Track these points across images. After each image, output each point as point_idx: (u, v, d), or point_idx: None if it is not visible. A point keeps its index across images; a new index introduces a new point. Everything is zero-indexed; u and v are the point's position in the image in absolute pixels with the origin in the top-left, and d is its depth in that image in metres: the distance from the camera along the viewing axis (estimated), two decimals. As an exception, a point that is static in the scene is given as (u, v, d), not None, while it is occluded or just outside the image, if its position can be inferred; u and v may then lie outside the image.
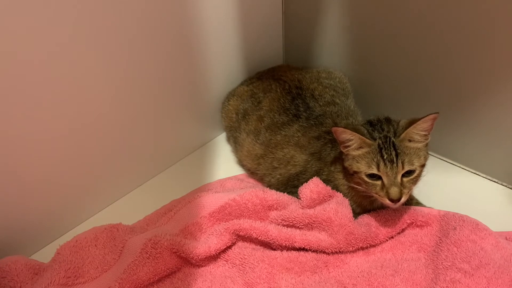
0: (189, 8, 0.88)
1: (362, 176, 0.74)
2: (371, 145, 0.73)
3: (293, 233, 0.78)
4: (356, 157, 0.75)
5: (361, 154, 0.74)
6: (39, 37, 0.68)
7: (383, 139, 0.74)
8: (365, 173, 0.74)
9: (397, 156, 0.72)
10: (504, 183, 0.93)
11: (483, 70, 0.84)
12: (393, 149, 0.72)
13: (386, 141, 0.73)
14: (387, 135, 0.74)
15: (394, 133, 0.74)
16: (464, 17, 0.82)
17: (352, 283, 0.75)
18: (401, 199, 0.73)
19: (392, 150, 0.72)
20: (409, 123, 0.75)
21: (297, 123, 0.89)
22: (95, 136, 0.84)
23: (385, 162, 0.72)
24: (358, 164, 0.74)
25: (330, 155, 0.83)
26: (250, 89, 1.01)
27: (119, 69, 0.82)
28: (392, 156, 0.72)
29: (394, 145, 0.73)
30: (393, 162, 0.72)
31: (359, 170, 0.74)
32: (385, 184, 0.73)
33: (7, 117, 0.70)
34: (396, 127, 0.75)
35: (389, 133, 0.74)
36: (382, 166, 0.72)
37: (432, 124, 0.73)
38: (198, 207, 0.84)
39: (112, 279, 0.73)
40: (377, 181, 0.74)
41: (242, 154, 0.97)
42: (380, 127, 0.76)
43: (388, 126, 0.76)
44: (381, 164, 0.72)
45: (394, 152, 0.72)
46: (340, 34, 1.04)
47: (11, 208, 0.77)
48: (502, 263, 0.71)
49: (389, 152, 0.72)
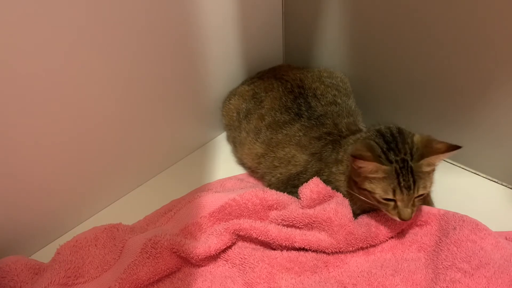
0: (189, 8, 0.88)
1: (376, 197, 0.73)
2: (386, 170, 0.71)
3: (293, 233, 0.78)
4: (370, 178, 0.73)
5: (377, 177, 0.72)
6: (39, 38, 0.68)
7: (400, 163, 0.71)
8: (380, 196, 0.72)
9: (414, 183, 0.71)
10: (504, 183, 0.93)
11: (483, 70, 0.84)
12: (411, 175, 0.71)
13: (404, 166, 0.71)
14: (405, 159, 0.71)
15: (411, 155, 0.72)
16: (464, 18, 0.81)
17: (352, 283, 0.75)
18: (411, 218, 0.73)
19: (410, 177, 0.71)
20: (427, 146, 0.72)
21: (298, 122, 0.89)
22: (95, 136, 0.84)
23: (401, 190, 0.71)
24: (372, 185, 0.72)
25: (331, 156, 0.83)
26: (251, 88, 1.01)
27: (119, 69, 0.82)
28: (409, 182, 0.71)
29: (412, 171, 0.71)
30: (410, 189, 0.71)
31: (373, 191, 0.73)
32: (398, 206, 0.73)
33: (7, 117, 0.70)
34: (411, 146, 0.73)
35: (407, 155, 0.72)
36: (398, 193, 0.71)
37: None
38: (198, 207, 0.84)
39: (112, 279, 0.73)
40: (390, 202, 0.73)
41: (242, 153, 0.97)
42: (396, 146, 0.73)
43: (403, 145, 0.73)
44: (398, 190, 0.71)
45: (412, 179, 0.70)
46: (340, 34, 1.04)
47: (11, 208, 0.77)
48: (502, 263, 0.71)
49: (406, 179, 0.71)
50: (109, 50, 0.79)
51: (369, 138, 0.76)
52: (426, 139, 0.74)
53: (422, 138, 0.74)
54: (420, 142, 0.74)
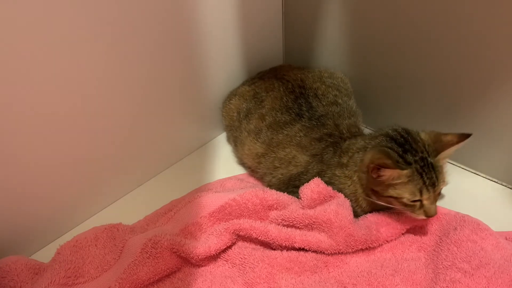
0: (189, 8, 0.88)
1: (403, 201, 0.73)
2: (408, 174, 0.71)
3: (293, 233, 0.78)
4: (393, 185, 0.73)
5: (401, 182, 0.72)
6: (40, 36, 0.68)
7: (420, 162, 0.72)
8: (408, 200, 0.73)
9: (437, 179, 0.72)
10: (504, 183, 0.93)
11: (483, 71, 0.84)
12: (433, 171, 0.72)
13: (425, 164, 0.72)
14: (423, 157, 0.72)
15: (427, 152, 0.73)
16: (464, 18, 0.81)
17: (352, 282, 0.75)
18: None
19: (433, 173, 0.72)
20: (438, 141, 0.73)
21: (299, 123, 0.89)
22: (95, 136, 0.84)
23: (427, 188, 0.72)
24: (398, 191, 0.73)
25: (333, 159, 0.82)
26: (252, 88, 1.01)
27: (119, 69, 0.82)
28: (434, 179, 0.72)
29: (433, 167, 0.72)
30: (434, 186, 0.72)
31: (401, 196, 0.73)
32: (425, 205, 0.73)
33: (7, 118, 0.70)
34: (423, 143, 0.74)
35: (424, 153, 0.72)
36: (425, 192, 0.72)
37: None
38: (198, 207, 0.84)
39: (112, 279, 0.73)
40: (416, 203, 0.74)
41: (243, 153, 0.97)
42: (410, 147, 0.73)
43: (417, 145, 0.74)
44: (424, 190, 0.72)
45: (435, 175, 0.71)
46: (341, 34, 1.04)
47: (12, 208, 0.77)
48: (502, 263, 0.71)
49: (430, 176, 0.71)
50: (109, 51, 0.79)
51: (380, 145, 0.76)
52: (433, 134, 0.75)
53: (429, 134, 0.75)
54: (429, 138, 0.75)
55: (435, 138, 0.75)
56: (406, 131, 0.76)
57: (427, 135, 0.75)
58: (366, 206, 0.81)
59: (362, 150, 0.78)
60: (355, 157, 0.79)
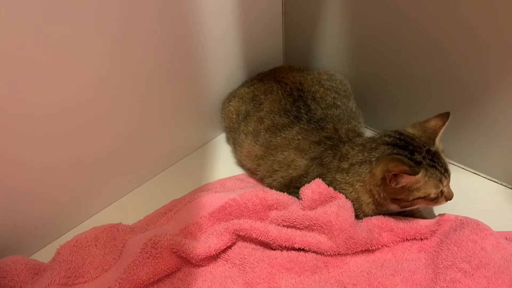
0: (189, 9, 0.88)
1: (431, 197, 0.75)
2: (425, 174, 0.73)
3: (293, 234, 0.78)
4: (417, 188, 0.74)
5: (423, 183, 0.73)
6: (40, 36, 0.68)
7: (427, 156, 0.74)
8: (435, 193, 0.74)
9: (446, 163, 0.75)
10: (504, 183, 0.93)
11: (483, 71, 0.84)
12: (440, 158, 0.75)
13: (431, 155, 0.74)
14: (428, 149, 0.75)
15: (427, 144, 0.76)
16: (464, 19, 0.82)
17: (352, 283, 0.75)
18: None
19: (442, 160, 0.75)
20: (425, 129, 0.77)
21: (297, 125, 0.89)
22: (95, 136, 0.84)
23: (444, 175, 0.74)
24: (422, 191, 0.74)
25: (333, 163, 0.82)
26: (251, 90, 1.01)
27: (119, 70, 0.82)
28: (445, 165, 0.75)
29: (438, 154, 0.75)
30: (447, 170, 0.75)
31: (428, 194, 0.74)
32: (444, 191, 0.76)
33: (7, 118, 0.70)
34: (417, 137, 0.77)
35: (425, 146, 0.75)
36: (444, 180, 0.75)
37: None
38: (198, 207, 0.84)
39: (112, 279, 0.73)
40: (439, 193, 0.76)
41: (242, 155, 0.97)
42: (412, 145, 0.75)
43: (415, 141, 0.76)
44: (443, 178, 0.74)
45: (443, 160, 0.75)
46: (341, 35, 1.04)
47: (12, 208, 0.77)
48: (502, 263, 0.71)
49: (441, 164, 0.74)
50: (109, 51, 0.79)
51: (387, 154, 0.76)
52: (417, 126, 0.78)
53: (414, 126, 0.79)
54: (417, 130, 0.78)
55: (421, 128, 0.78)
56: (399, 133, 0.78)
57: (414, 128, 0.78)
58: (369, 212, 0.81)
59: (366, 164, 0.77)
60: (357, 169, 0.79)
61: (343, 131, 0.87)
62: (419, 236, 0.80)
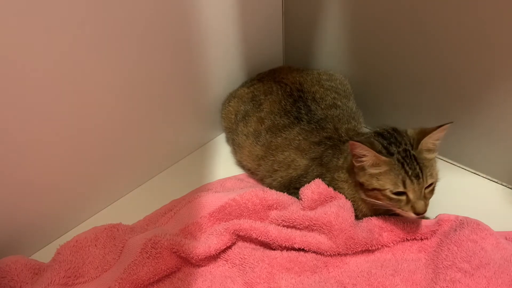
0: (189, 9, 0.88)
1: (387, 194, 0.73)
2: (389, 162, 0.72)
3: (293, 234, 0.78)
4: (376, 175, 0.73)
5: (382, 172, 0.72)
6: (39, 38, 0.69)
7: (402, 153, 0.72)
8: (391, 191, 0.72)
9: (422, 171, 0.71)
10: (504, 183, 0.93)
11: (482, 70, 0.84)
12: (416, 163, 0.71)
13: (407, 155, 0.72)
14: (406, 149, 0.72)
15: (411, 145, 0.73)
16: (464, 19, 0.82)
17: (352, 283, 0.75)
18: (426, 211, 0.72)
19: (416, 164, 0.71)
20: (421, 133, 0.74)
21: (298, 126, 0.89)
22: (95, 136, 0.84)
23: (411, 179, 0.71)
24: (380, 182, 0.72)
25: (332, 162, 0.82)
26: (251, 91, 1.01)
27: (119, 70, 0.82)
28: (417, 170, 0.71)
29: (416, 159, 0.71)
30: (419, 177, 0.71)
31: (383, 187, 0.72)
32: (411, 199, 0.72)
33: (7, 117, 0.70)
34: (409, 138, 0.74)
35: (407, 145, 0.73)
36: (408, 183, 0.71)
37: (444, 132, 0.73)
38: (198, 207, 0.84)
39: (112, 279, 0.73)
40: (401, 197, 0.72)
41: (242, 155, 0.97)
42: (395, 139, 0.74)
43: (402, 138, 0.74)
44: (407, 181, 0.71)
45: (418, 166, 0.71)
46: (341, 35, 1.04)
47: (11, 208, 0.77)
48: (502, 263, 0.71)
49: (412, 167, 0.71)
50: (109, 51, 0.79)
51: (368, 138, 0.77)
52: (418, 129, 0.76)
53: (415, 129, 0.76)
54: (414, 133, 0.76)
55: (419, 131, 0.75)
56: (394, 128, 0.78)
57: (413, 131, 0.77)
58: (367, 210, 0.81)
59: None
60: (347, 158, 0.80)
61: (343, 130, 0.87)
62: (419, 236, 0.80)
